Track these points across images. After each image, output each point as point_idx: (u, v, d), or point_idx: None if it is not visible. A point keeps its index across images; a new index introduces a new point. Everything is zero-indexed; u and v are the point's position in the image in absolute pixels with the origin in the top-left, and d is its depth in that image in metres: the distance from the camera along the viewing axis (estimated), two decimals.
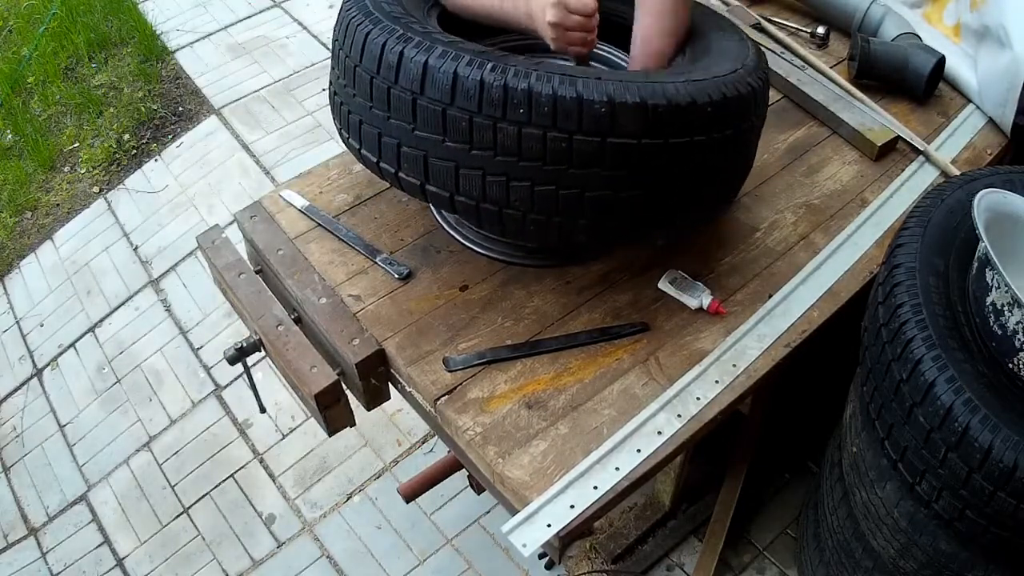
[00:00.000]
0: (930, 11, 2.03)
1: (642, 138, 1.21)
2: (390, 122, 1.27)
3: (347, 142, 1.41)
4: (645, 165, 1.24)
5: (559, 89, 1.16)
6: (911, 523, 1.33)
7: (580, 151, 1.20)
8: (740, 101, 1.30)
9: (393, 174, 1.31)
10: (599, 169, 1.22)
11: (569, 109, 1.17)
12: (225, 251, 1.57)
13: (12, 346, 2.91)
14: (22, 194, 3.33)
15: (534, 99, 1.17)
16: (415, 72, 1.20)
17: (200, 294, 2.83)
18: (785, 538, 2.03)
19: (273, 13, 3.80)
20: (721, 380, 1.35)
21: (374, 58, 1.25)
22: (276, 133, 3.25)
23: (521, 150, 1.20)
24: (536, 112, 1.17)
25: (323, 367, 1.40)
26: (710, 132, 1.27)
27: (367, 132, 1.32)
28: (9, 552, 2.44)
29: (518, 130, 1.19)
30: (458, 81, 1.18)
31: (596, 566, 1.96)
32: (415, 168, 1.28)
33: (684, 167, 1.28)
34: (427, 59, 1.20)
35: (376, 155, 1.32)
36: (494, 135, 1.19)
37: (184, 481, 2.44)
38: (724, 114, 1.27)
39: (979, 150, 1.80)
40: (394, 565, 2.17)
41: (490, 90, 1.17)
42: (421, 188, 1.29)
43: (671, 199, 1.32)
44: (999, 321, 1.16)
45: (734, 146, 1.36)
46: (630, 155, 1.22)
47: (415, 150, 1.26)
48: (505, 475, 1.24)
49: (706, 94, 1.24)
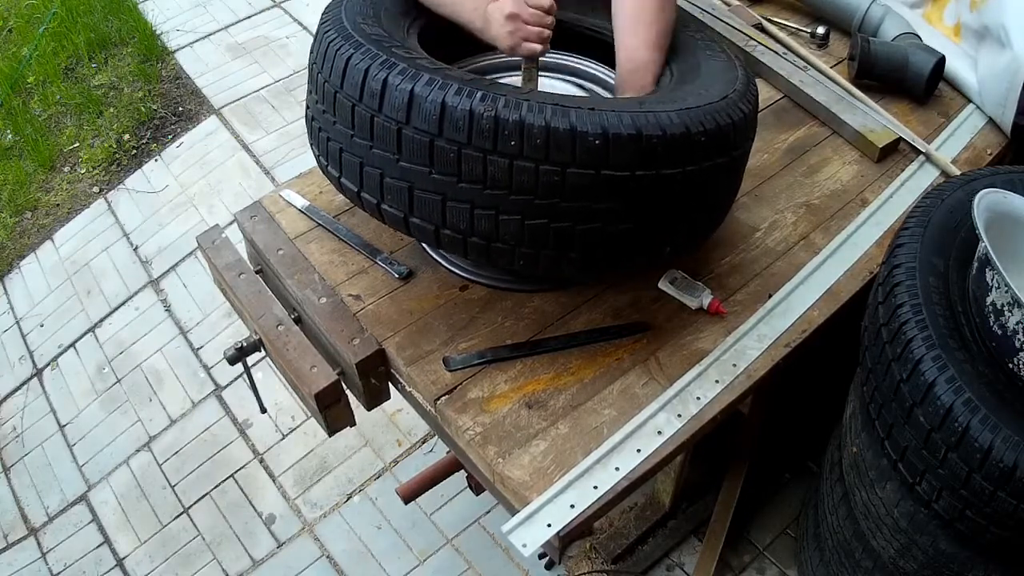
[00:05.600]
0: (930, 11, 2.03)
1: (636, 170, 1.18)
2: (373, 152, 1.21)
3: (326, 170, 1.34)
4: (638, 197, 1.21)
5: (552, 120, 1.13)
6: (911, 523, 1.33)
7: (573, 184, 1.16)
8: (733, 129, 1.27)
9: (375, 205, 1.26)
10: (591, 202, 1.18)
11: (563, 141, 1.13)
12: (225, 251, 1.57)
13: (12, 346, 2.91)
14: (22, 194, 3.33)
15: (526, 131, 1.12)
16: (400, 101, 1.15)
17: (200, 294, 2.83)
18: (785, 538, 2.03)
19: (273, 13, 3.80)
20: (721, 380, 1.35)
21: (356, 85, 1.19)
22: (276, 133, 3.25)
23: (512, 183, 1.16)
24: (528, 144, 1.13)
25: (323, 367, 1.40)
26: (702, 162, 1.24)
27: (348, 161, 1.26)
28: (9, 552, 2.44)
29: (509, 163, 1.14)
30: (446, 111, 1.13)
31: (596, 566, 1.96)
32: (399, 200, 1.22)
33: (677, 197, 1.25)
34: (413, 87, 1.15)
35: (357, 185, 1.27)
36: (484, 168, 1.15)
37: (184, 481, 2.44)
38: (718, 143, 1.25)
39: (979, 150, 1.80)
40: (394, 565, 2.17)
41: (480, 121, 1.12)
42: (404, 221, 1.24)
43: (662, 230, 1.29)
44: (999, 321, 1.16)
45: (726, 174, 1.33)
46: (623, 187, 1.18)
47: (400, 181, 1.21)
48: (505, 475, 1.24)
49: (699, 123, 1.21)
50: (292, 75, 3.47)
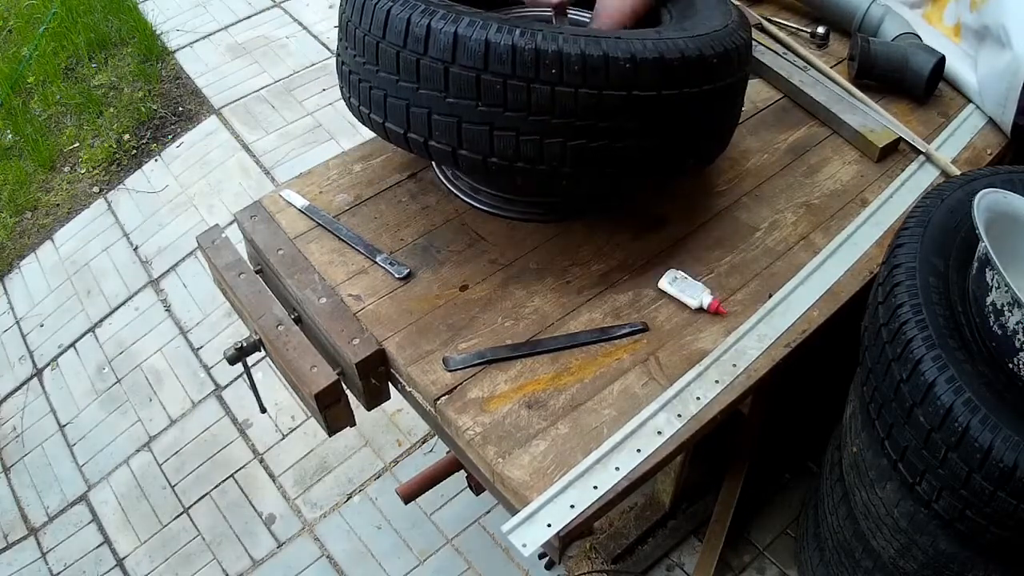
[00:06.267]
0: (930, 11, 2.03)
1: (662, 89, 1.31)
2: (419, 92, 1.30)
3: (367, 117, 1.43)
4: (664, 114, 1.34)
5: (587, 49, 1.24)
6: (911, 523, 1.33)
7: (608, 105, 1.28)
8: (737, 53, 1.41)
9: (422, 143, 1.35)
10: (624, 121, 1.31)
11: (597, 66, 1.25)
12: (225, 251, 1.57)
13: (12, 346, 2.91)
14: (22, 194, 3.33)
15: (564, 59, 1.24)
16: (446, 42, 1.25)
17: (200, 294, 2.83)
18: (785, 538, 2.03)
19: (273, 13, 3.80)
20: (721, 380, 1.35)
21: (399, 33, 1.29)
22: (276, 133, 3.25)
23: (554, 108, 1.27)
24: (567, 71, 1.24)
25: (323, 367, 1.40)
26: (715, 81, 1.38)
27: (393, 104, 1.35)
28: (9, 552, 2.44)
29: (551, 89, 1.25)
30: (490, 47, 1.23)
31: (596, 566, 1.96)
32: (447, 135, 1.32)
33: (696, 114, 1.39)
34: (456, 29, 1.25)
35: (403, 126, 1.35)
36: (528, 95, 1.26)
37: (184, 481, 2.44)
38: (726, 65, 1.39)
39: (979, 150, 1.80)
40: (394, 565, 2.17)
41: (522, 53, 1.23)
42: (453, 154, 1.34)
43: (685, 144, 1.43)
44: (999, 321, 1.16)
45: (733, 93, 1.50)
46: (652, 105, 1.31)
47: (447, 117, 1.30)
48: (505, 475, 1.24)
49: (711, 47, 1.35)
50: (292, 75, 3.47)
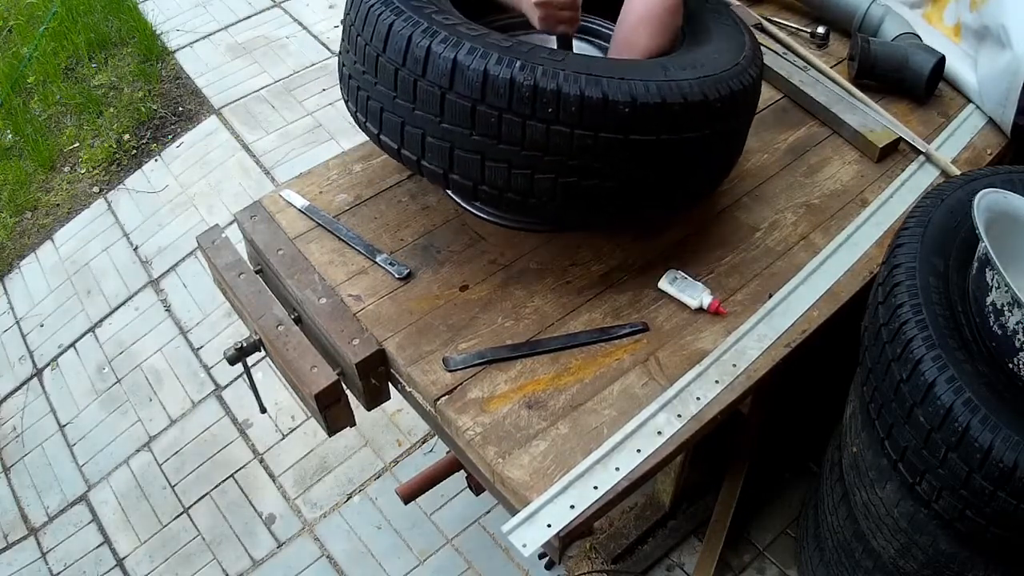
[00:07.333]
0: (930, 11, 2.03)
1: (661, 134, 1.29)
2: (415, 113, 1.30)
3: (363, 125, 1.43)
4: (661, 157, 1.33)
5: (586, 90, 1.22)
6: (911, 523, 1.32)
7: (604, 147, 1.27)
8: (744, 95, 1.38)
9: (415, 161, 1.35)
10: (619, 162, 1.30)
11: (595, 109, 1.23)
12: (225, 251, 1.57)
13: (12, 346, 2.91)
14: (22, 194, 3.33)
15: (562, 99, 1.22)
16: (444, 68, 1.24)
17: (200, 294, 2.83)
18: (785, 538, 2.03)
19: (273, 13, 3.80)
20: (721, 380, 1.35)
21: (399, 51, 1.27)
22: (276, 133, 3.24)
23: (548, 145, 1.26)
24: (564, 111, 1.23)
25: (323, 367, 1.40)
26: (718, 126, 1.36)
27: (388, 120, 1.35)
28: (9, 552, 2.44)
29: (546, 127, 1.24)
30: (488, 79, 1.22)
31: (596, 566, 1.96)
32: (440, 158, 1.32)
33: (695, 156, 1.37)
34: (456, 55, 1.23)
35: (397, 142, 1.35)
36: (522, 131, 1.25)
37: (184, 481, 2.44)
38: (731, 109, 1.36)
39: (979, 150, 1.80)
40: (394, 565, 2.17)
41: (520, 89, 1.22)
42: (444, 177, 1.33)
43: (679, 183, 1.42)
44: (999, 321, 1.15)
45: (735, 137, 1.49)
46: (649, 149, 1.30)
47: (441, 141, 1.30)
48: (505, 475, 1.24)
49: (716, 91, 1.32)
50: (292, 75, 3.46)
